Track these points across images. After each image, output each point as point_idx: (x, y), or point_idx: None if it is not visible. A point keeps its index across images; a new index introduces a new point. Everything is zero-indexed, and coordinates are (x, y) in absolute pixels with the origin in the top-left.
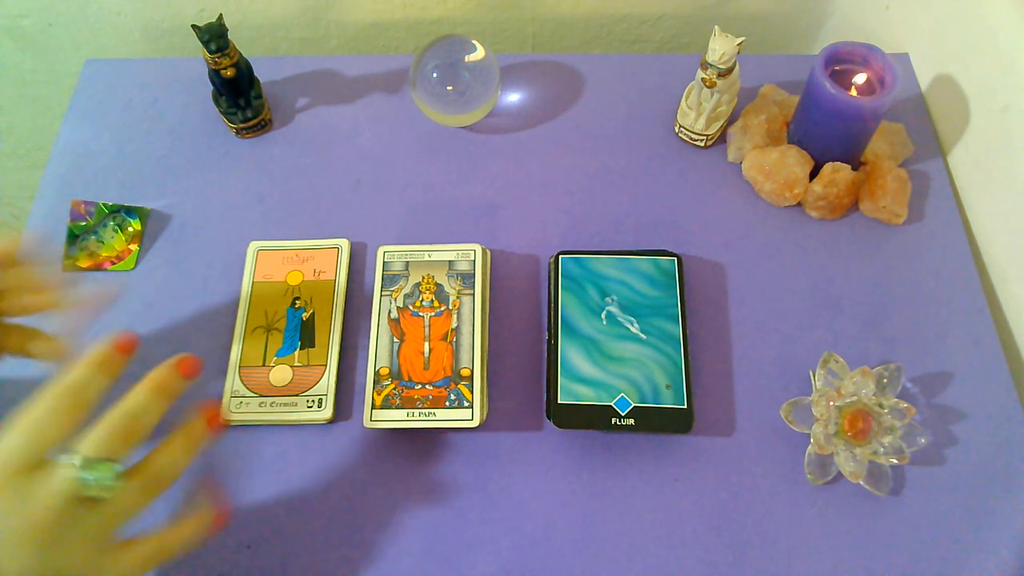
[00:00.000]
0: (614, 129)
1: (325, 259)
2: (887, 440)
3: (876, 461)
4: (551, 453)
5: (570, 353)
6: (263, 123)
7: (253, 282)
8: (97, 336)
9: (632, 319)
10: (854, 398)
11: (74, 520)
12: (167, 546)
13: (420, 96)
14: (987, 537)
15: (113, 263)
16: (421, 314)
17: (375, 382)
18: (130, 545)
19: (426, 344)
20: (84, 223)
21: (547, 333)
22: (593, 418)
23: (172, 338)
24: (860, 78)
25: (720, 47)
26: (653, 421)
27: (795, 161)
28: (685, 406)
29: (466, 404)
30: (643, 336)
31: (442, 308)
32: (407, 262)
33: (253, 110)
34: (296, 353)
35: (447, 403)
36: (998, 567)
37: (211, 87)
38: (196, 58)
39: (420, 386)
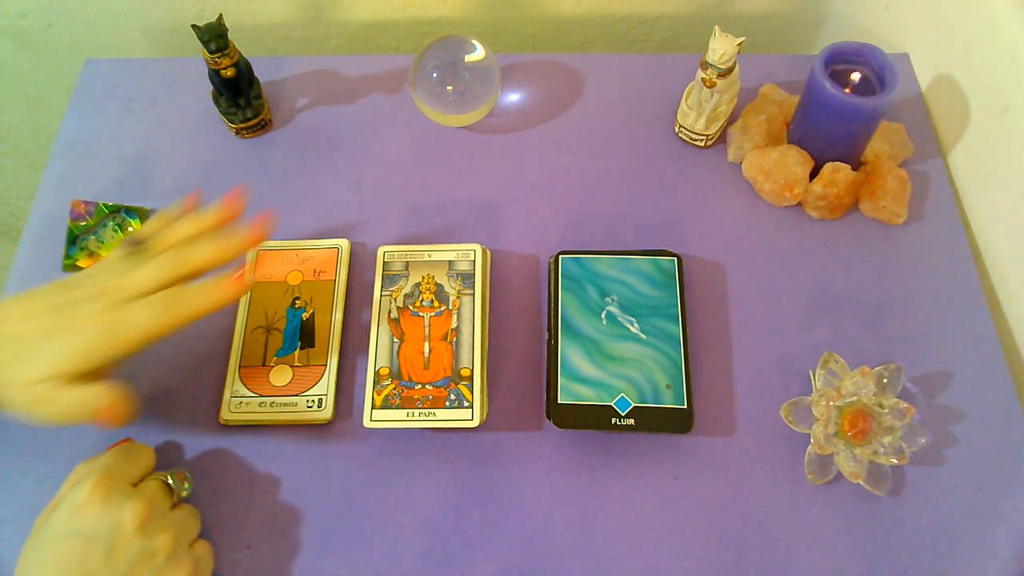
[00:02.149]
0: (614, 129)
1: (325, 259)
2: (887, 440)
3: (876, 461)
4: (551, 453)
5: (570, 353)
6: (263, 123)
7: (253, 282)
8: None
9: (632, 319)
10: (854, 398)
11: (163, 514)
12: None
13: (420, 96)
14: (987, 537)
15: None
16: (421, 314)
17: (375, 382)
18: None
19: (426, 344)
20: (84, 223)
21: (547, 333)
22: (593, 418)
23: (172, 338)
24: (859, 78)
25: (720, 47)
26: (653, 421)
27: (795, 161)
28: (685, 406)
29: (466, 404)
30: (643, 336)
31: (442, 308)
32: (407, 262)
33: (253, 110)
34: (296, 353)
35: (447, 403)
36: (998, 567)
37: (211, 87)
38: (196, 58)
39: (420, 386)
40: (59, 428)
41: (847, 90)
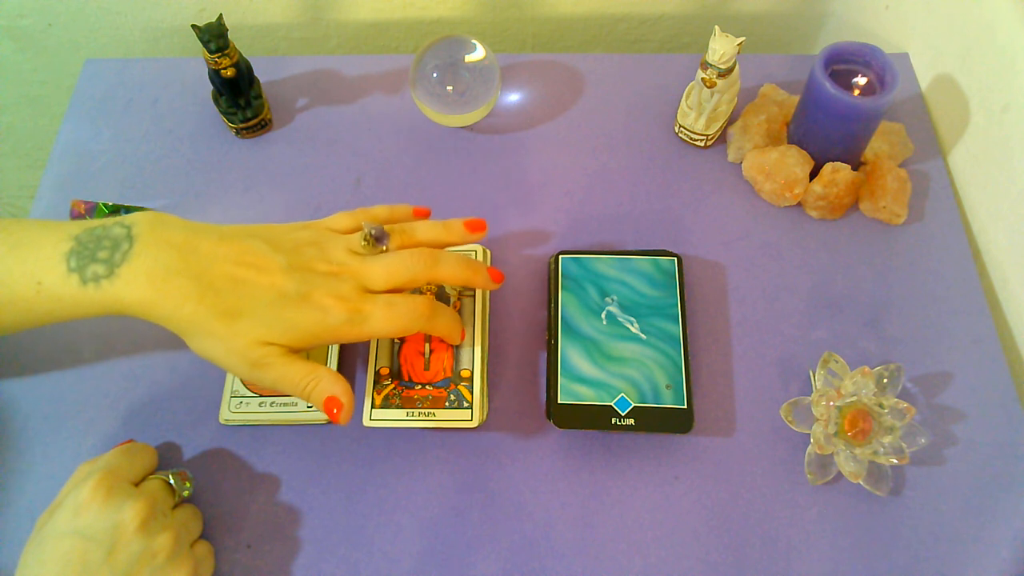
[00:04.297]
0: (614, 129)
1: None
2: (887, 440)
3: (876, 461)
4: (551, 453)
5: (570, 353)
6: (263, 123)
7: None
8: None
9: (632, 319)
10: (854, 398)
11: (164, 514)
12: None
13: (420, 96)
14: (987, 537)
15: None
16: None
17: (375, 382)
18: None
19: (426, 345)
20: None
21: (547, 333)
22: (593, 418)
23: (172, 338)
24: (860, 78)
25: (720, 47)
26: (653, 421)
27: (795, 161)
28: (685, 406)
29: (465, 404)
30: (643, 336)
31: None
32: None
33: (253, 110)
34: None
35: (446, 403)
36: (998, 567)
37: (211, 87)
38: (196, 58)
39: (420, 386)
40: (59, 427)
41: (847, 90)
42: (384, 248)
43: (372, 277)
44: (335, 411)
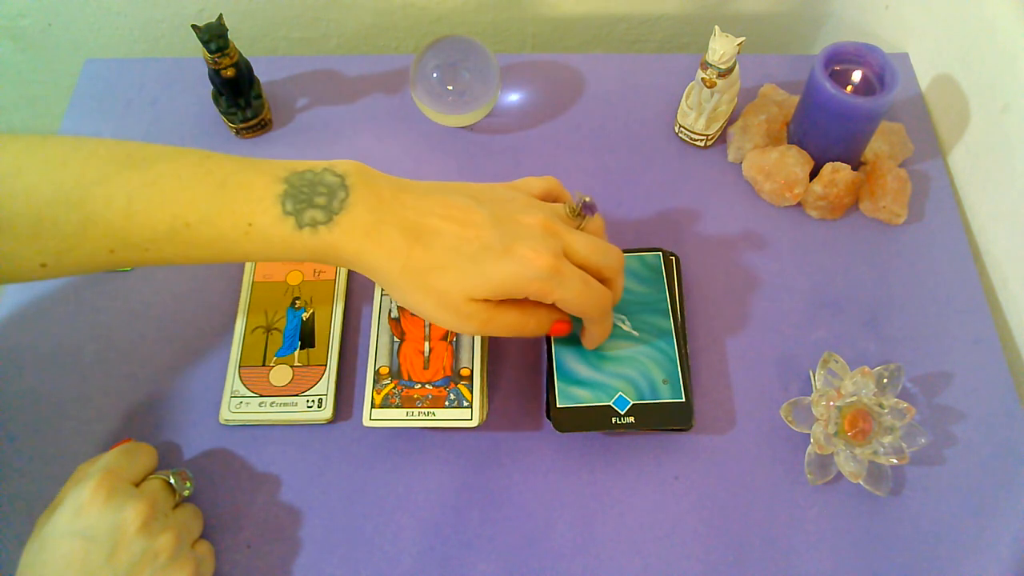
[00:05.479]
0: (614, 129)
1: None
2: (887, 440)
3: (876, 461)
4: (551, 453)
5: (565, 356)
6: (263, 123)
7: (253, 282)
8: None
9: (623, 317)
10: (854, 398)
11: (165, 514)
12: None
13: (420, 96)
14: (987, 537)
15: None
16: None
17: (375, 381)
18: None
19: (426, 344)
20: None
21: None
22: (593, 419)
23: (172, 338)
24: (859, 78)
25: (720, 47)
26: (653, 417)
27: (795, 161)
28: (683, 399)
29: (465, 404)
30: (635, 333)
31: None
32: None
33: (253, 110)
34: (296, 353)
35: (446, 403)
36: (998, 567)
37: (211, 87)
38: (196, 58)
39: (420, 385)
40: (60, 427)
41: (847, 90)
42: (584, 220)
43: (575, 245)
44: (563, 330)
